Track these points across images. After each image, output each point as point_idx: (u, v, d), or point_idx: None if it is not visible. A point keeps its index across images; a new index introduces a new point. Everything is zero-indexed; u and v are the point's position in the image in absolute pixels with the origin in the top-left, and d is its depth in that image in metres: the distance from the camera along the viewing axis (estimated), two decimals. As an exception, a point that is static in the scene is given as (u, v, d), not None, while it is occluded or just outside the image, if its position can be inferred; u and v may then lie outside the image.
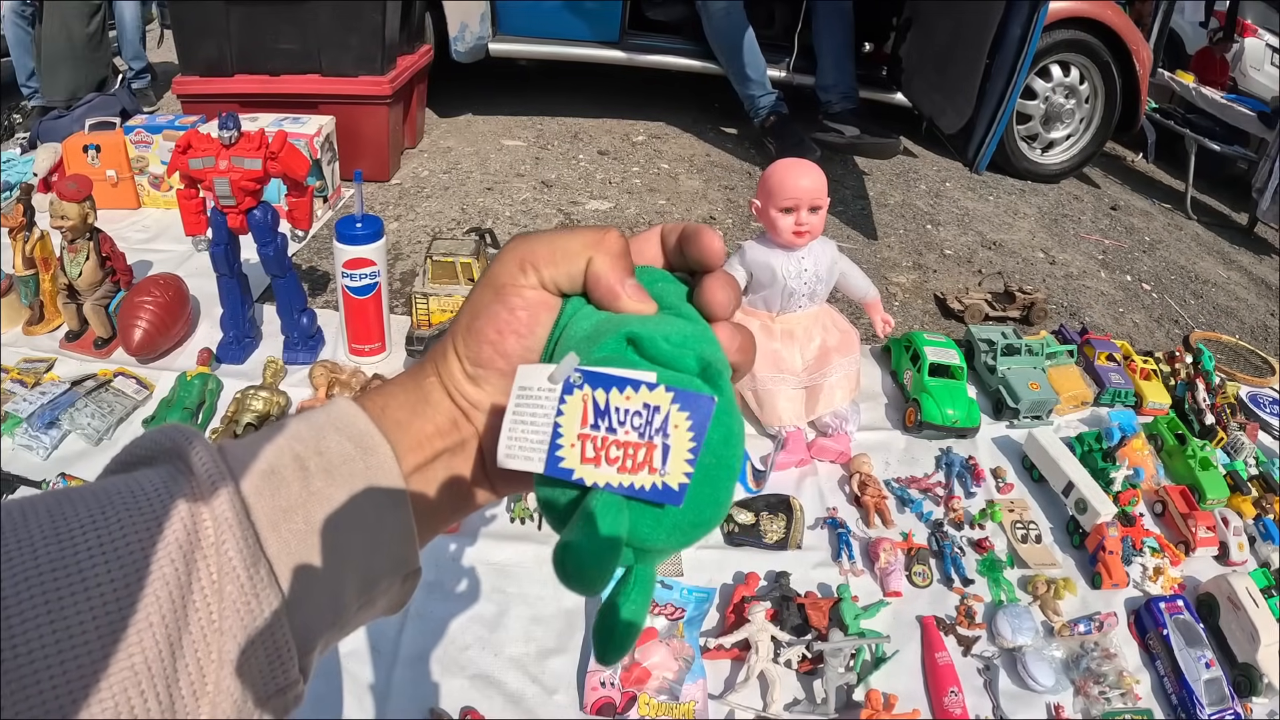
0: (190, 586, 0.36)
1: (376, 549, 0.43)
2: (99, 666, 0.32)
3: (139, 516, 0.36)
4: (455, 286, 2.02)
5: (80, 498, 0.37)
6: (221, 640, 0.36)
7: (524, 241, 0.47)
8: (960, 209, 3.97)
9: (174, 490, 0.38)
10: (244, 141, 1.96)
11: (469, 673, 1.51)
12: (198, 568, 0.36)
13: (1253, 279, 3.97)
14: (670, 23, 4.38)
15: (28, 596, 0.32)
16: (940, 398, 2.19)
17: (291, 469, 0.41)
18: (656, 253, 0.51)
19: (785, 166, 2.03)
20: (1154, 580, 1.90)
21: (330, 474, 0.42)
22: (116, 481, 0.38)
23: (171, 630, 0.35)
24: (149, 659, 0.34)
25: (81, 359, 2.16)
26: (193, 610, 0.36)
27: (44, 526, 0.35)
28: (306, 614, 0.40)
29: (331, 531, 0.41)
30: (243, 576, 0.37)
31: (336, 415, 0.44)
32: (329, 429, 0.43)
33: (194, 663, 0.35)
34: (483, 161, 3.75)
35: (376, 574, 0.43)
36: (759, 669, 1.53)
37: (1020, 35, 3.01)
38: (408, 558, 0.45)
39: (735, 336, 0.47)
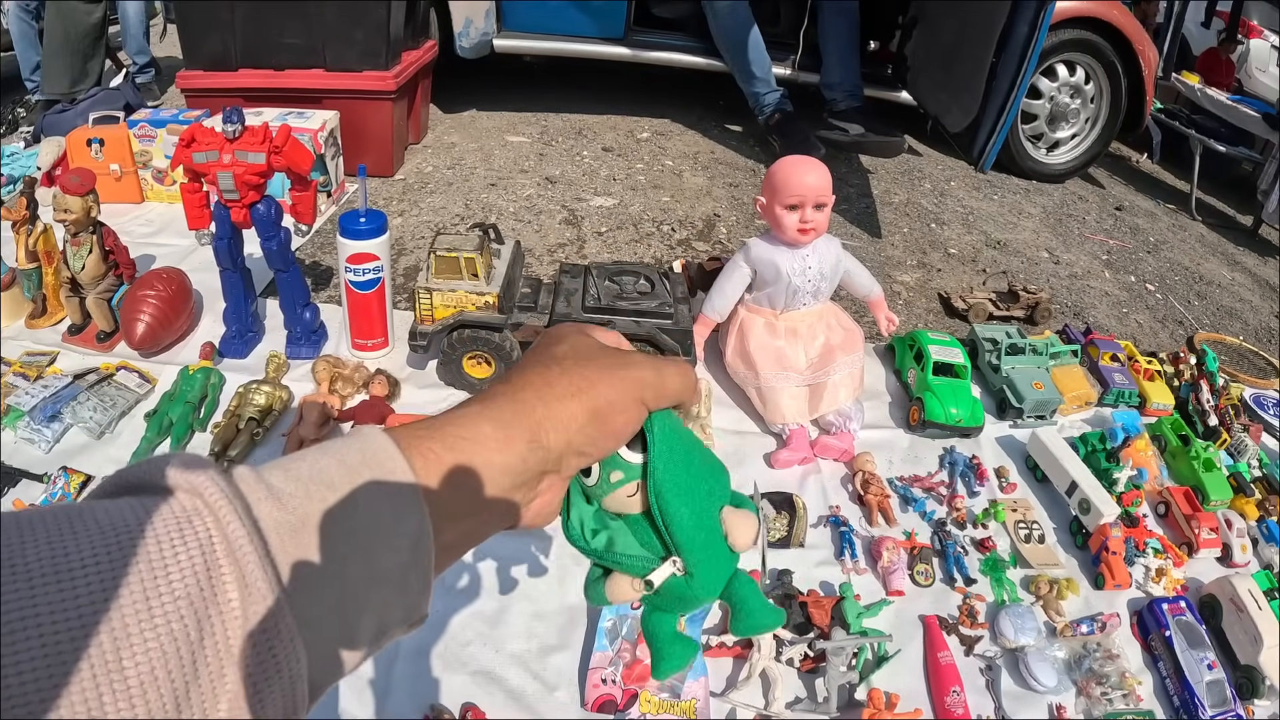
0: (203, 646, 0.35)
1: (394, 604, 0.44)
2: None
3: (147, 569, 0.35)
4: (459, 281, 2.01)
5: (85, 527, 0.35)
6: (240, 692, 0.36)
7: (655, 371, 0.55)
8: (965, 208, 3.96)
9: (189, 543, 0.36)
10: (248, 136, 1.95)
11: (470, 669, 1.51)
12: (213, 628, 0.35)
13: (1257, 280, 3.97)
14: (675, 19, 4.38)
15: (23, 637, 0.31)
16: (944, 397, 2.18)
17: (321, 523, 0.41)
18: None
19: (790, 163, 2.02)
20: (1157, 581, 1.90)
21: (358, 535, 0.42)
22: (124, 516, 0.36)
23: (178, 682, 0.34)
24: (152, 710, 0.33)
25: (84, 353, 2.16)
26: (203, 663, 0.35)
27: (43, 560, 0.33)
28: (321, 666, 0.40)
29: (353, 589, 0.41)
30: (264, 642, 0.37)
31: (373, 459, 0.44)
32: (365, 475, 0.43)
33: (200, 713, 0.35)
34: (487, 157, 3.75)
35: (390, 624, 0.44)
36: (761, 667, 1.52)
37: (1026, 34, 3.01)
38: (420, 607, 0.46)
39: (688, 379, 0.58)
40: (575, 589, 1.68)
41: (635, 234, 3.20)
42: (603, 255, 3.00)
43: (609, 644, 1.53)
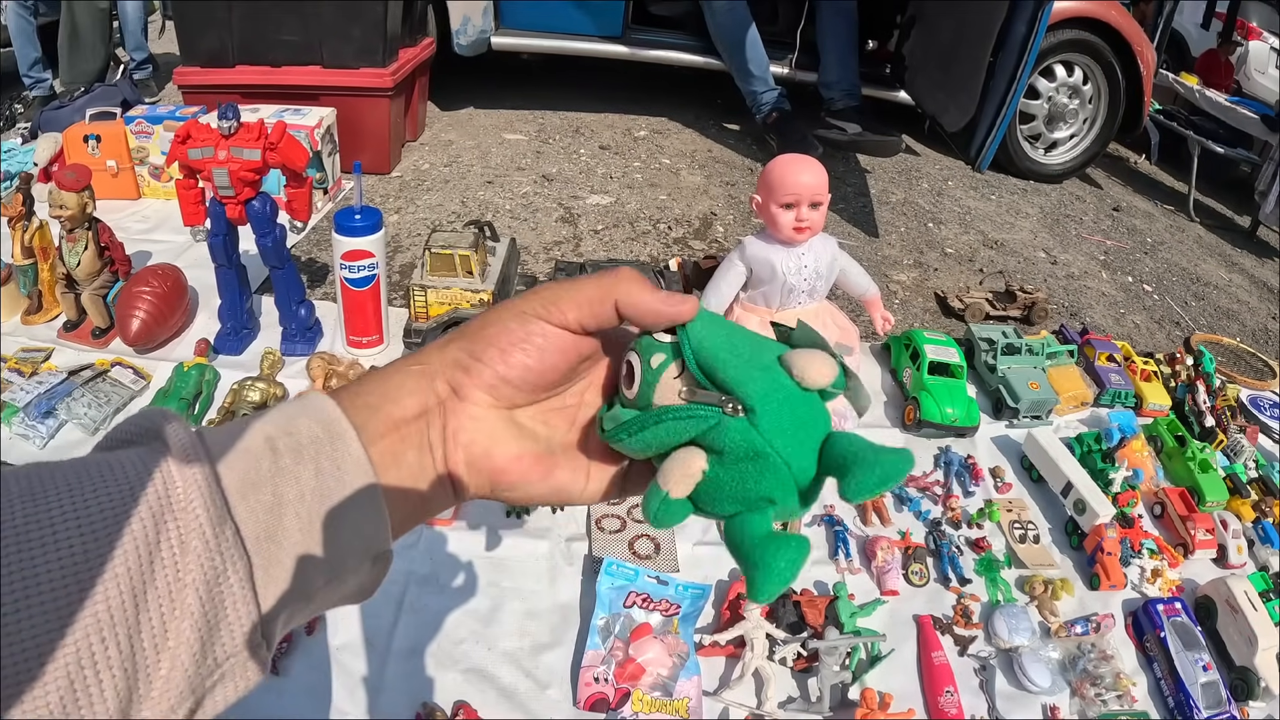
0: (158, 544, 0.37)
1: (343, 527, 0.44)
2: (64, 615, 0.34)
3: (113, 484, 0.38)
4: (454, 279, 2.02)
5: (58, 468, 0.38)
6: (184, 594, 0.37)
7: (549, 288, 0.51)
8: (962, 207, 3.96)
9: (149, 462, 0.39)
10: (243, 132, 1.95)
11: (462, 667, 1.50)
12: (166, 526, 0.37)
13: (1254, 282, 3.97)
14: (673, 17, 4.39)
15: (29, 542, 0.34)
16: (940, 396, 2.18)
17: (261, 446, 0.43)
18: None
19: (786, 162, 2.02)
20: (1152, 582, 1.90)
21: (298, 453, 0.43)
22: (95, 456, 0.40)
23: (136, 584, 0.36)
24: (112, 609, 0.35)
25: (79, 349, 2.15)
26: (159, 566, 0.37)
27: (20, 488, 0.36)
28: (271, 582, 0.41)
29: (297, 505, 0.42)
30: (209, 534, 0.38)
31: (307, 403, 0.46)
32: (299, 415, 0.45)
33: (156, 615, 0.36)
34: (484, 155, 3.75)
35: (343, 552, 0.44)
36: (754, 666, 1.52)
37: (1024, 33, 3.02)
38: (377, 539, 0.45)
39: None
40: (567, 588, 1.68)
41: (632, 232, 3.19)
42: (599, 253, 2.99)
43: (601, 642, 1.53)
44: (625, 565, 1.64)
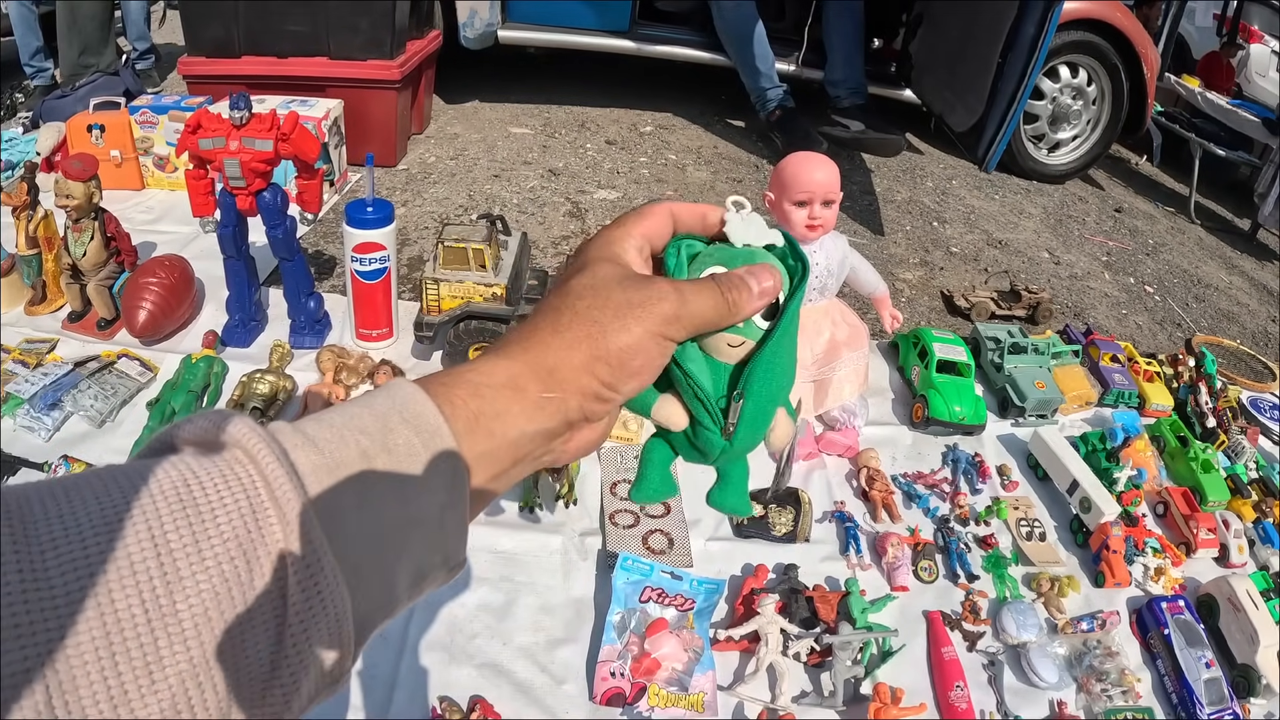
0: (253, 585, 0.36)
1: (433, 546, 0.44)
2: (153, 663, 0.32)
3: (195, 515, 0.35)
4: (466, 273, 2.01)
5: (130, 483, 0.36)
6: (287, 629, 0.37)
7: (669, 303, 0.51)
8: (967, 207, 3.97)
9: (234, 488, 0.37)
10: (255, 122, 1.95)
11: (477, 662, 1.51)
12: (261, 567, 0.36)
13: (1254, 284, 3.98)
14: (680, 13, 4.39)
15: (77, 589, 0.32)
16: (948, 394, 2.19)
17: (357, 466, 0.41)
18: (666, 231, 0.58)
19: (800, 160, 2.02)
20: (1155, 580, 1.91)
21: (394, 477, 0.42)
22: (168, 470, 0.37)
23: (231, 621, 0.35)
24: (207, 652, 0.34)
25: (84, 340, 2.15)
26: (256, 602, 0.36)
27: (92, 515, 0.34)
28: (364, 607, 0.40)
29: (392, 530, 0.41)
30: (308, 578, 0.37)
31: (403, 405, 0.44)
32: (396, 420, 0.43)
33: (254, 651, 0.36)
34: (490, 148, 3.75)
35: (429, 568, 0.44)
36: (768, 661, 1.53)
37: (1034, 34, 3.01)
38: (459, 552, 0.46)
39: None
40: (582, 583, 1.68)
41: (639, 227, 3.18)
42: (607, 248, 2.99)
43: (617, 637, 1.53)
44: (640, 560, 1.65)
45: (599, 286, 0.50)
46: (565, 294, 0.50)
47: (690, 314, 0.51)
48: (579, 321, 0.49)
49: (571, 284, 0.51)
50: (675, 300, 0.50)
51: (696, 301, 0.51)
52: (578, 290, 0.50)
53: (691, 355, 0.55)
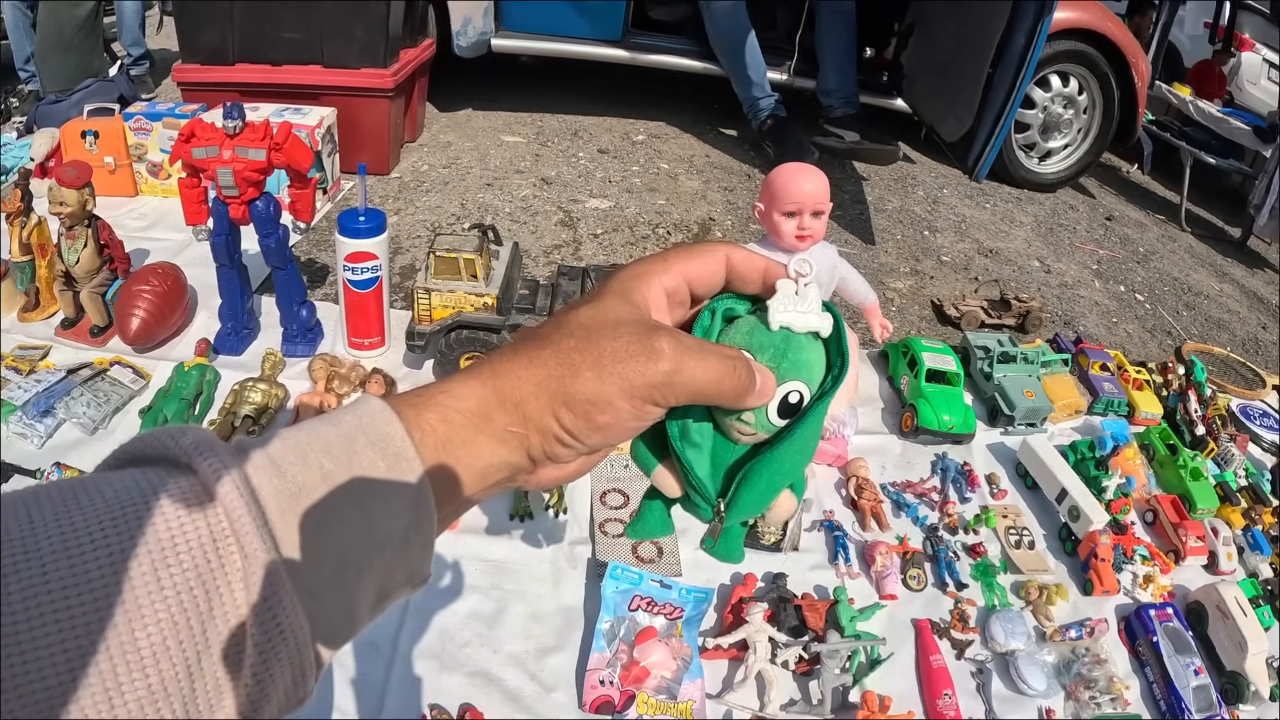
0: (212, 616, 0.36)
1: (397, 567, 0.43)
2: (111, 690, 0.32)
3: (155, 544, 0.35)
4: (458, 282, 2.02)
5: (91, 503, 0.36)
6: (245, 659, 0.37)
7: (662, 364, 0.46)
8: (957, 216, 3.99)
9: (194, 516, 0.37)
10: (248, 132, 1.96)
11: (467, 670, 1.51)
12: (220, 599, 0.36)
13: (1245, 292, 4.00)
14: (673, 22, 4.40)
15: (37, 615, 0.32)
16: (937, 404, 2.20)
17: (320, 490, 0.40)
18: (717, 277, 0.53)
19: (789, 171, 2.03)
20: (1144, 588, 1.92)
21: (357, 499, 0.41)
22: (129, 490, 0.37)
23: (189, 651, 0.35)
24: (165, 680, 0.34)
25: (77, 347, 2.15)
26: (214, 632, 0.36)
27: (52, 537, 0.34)
28: (325, 631, 0.40)
29: (355, 553, 0.41)
30: (267, 611, 0.37)
31: (370, 426, 0.43)
32: (362, 442, 0.42)
33: (213, 681, 0.36)
34: (482, 157, 3.76)
35: (393, 586, 0.44)
36: (756, 669, 1.53)
37: (1024, 45, 3.03)
38: (423, 569, 0.45)
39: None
40: (572, 590, 1.69)
41: (631, 236, 3.21)
42: (599, 257, 3.01)
43: (606, 645, 1.54)
44: (629, 569, 1.65)
45: (593, 327, 0.47)
46: (560, 324, 0.48)
47: (684, 383, 0.46)
48: (556, 360, 0.46)
49: (573, 315, 0.48)
50: (667, 364, 0.46)
51: (695, 370, 0.47)
52: (572, 325, 0.47)
53: (696, 432, 0.53)
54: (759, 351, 0.51)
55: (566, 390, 0.45)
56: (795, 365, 0.51)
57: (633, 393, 0.46)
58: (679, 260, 0.51)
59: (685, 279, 0.51)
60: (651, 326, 0.47)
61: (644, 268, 0.50)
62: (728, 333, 0.53)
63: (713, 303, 0.53)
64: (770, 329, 0.51)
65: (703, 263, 0.51)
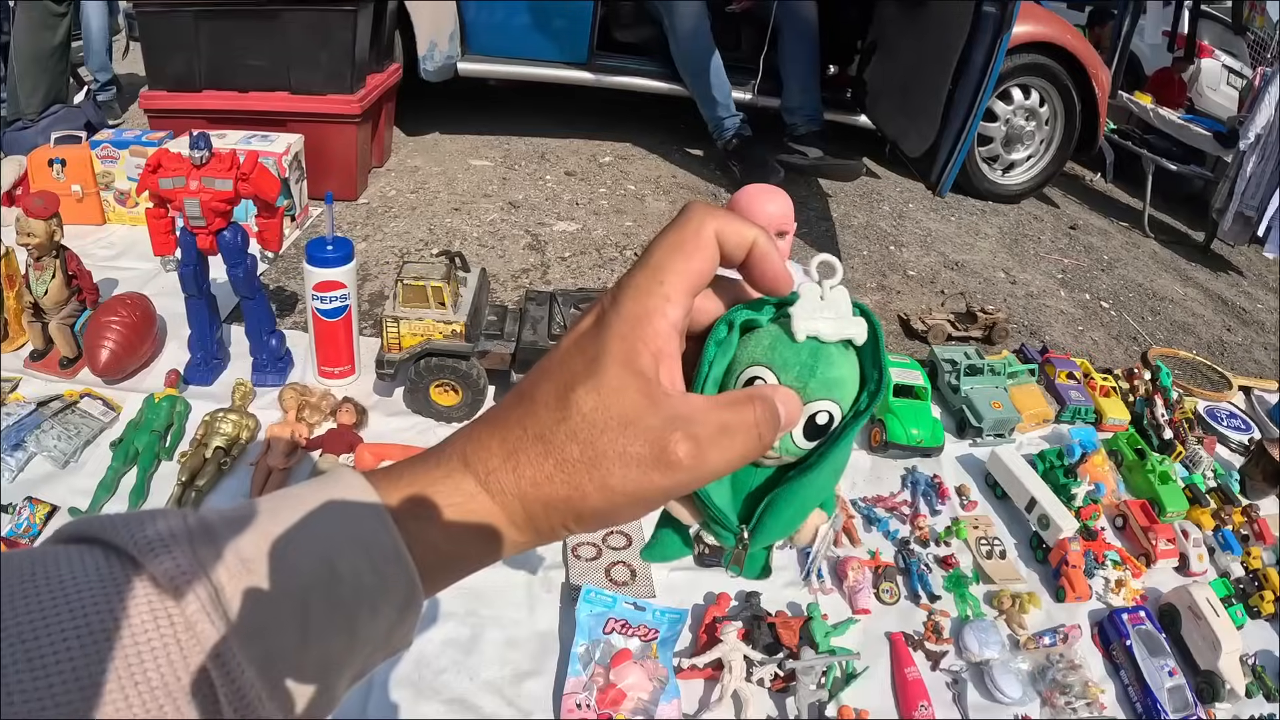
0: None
1: (380, 653, 0.42)
2: None
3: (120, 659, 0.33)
4: (426, 310, 2.03)
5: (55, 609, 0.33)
6: None
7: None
8: (923, 230, 4.02)
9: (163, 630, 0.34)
10: (215, 162, 1.95)
11: (444, 697, 1.51)
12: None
13: (1209, 295, 4.05)
14: (638, 44, 4.42)
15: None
16: (905, 418, 2.22)
17: (299, 597, 0.37)
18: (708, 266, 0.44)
19: (753, 192, 2.04)
20: (1116, 592, 1.94)
21: (342, 607, 0.39)
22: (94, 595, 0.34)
23: None
24: None
25: (47, 379, 2.13)
26: None
27: (13, 647, 0.31)
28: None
29: (337, 655, 0.39)
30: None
31: (358, 527, 0.40)
32: (348, 546, 0.39)
33: None
34: (450, 181, 3.76)
35: (372, 666, 0.42)
36: (732, 688, 1.54)
37: (983, 61, 3.06)
38: (406, 643, 0.44)
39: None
40: (547, 615, 1.69)
41: (599, 259, 3.22)
42: (566, 280, 3.01)
43: (582, 669, 1.54)
44: (603, 592, 1.66)
45: (598, 425, 0.40)
46: (560, 411, 0.41)
47: (705, 479, 0.42)
48: (561, 477, 0.40)
49: (573, 400, 0.41)
50: (685, 476, 0.40)
51: (717, 464, 0.41)
52: (574, 420, 0.40)
53: None
54: (783, 370, 0.45)
55: (577, 511, 0.41)
56: (825, 384, 0.45)
57: (648, 504, 0.42)
58: (676, 276, 0.42)
59: (689, 294, 0.43)
60: (666, 425, 0.40)
61: (643, 306, 0.42)
62: (746, 346, 0.46)
63: (730, 313, 0.46)
64: (795, 339, 0.45)
65: (699, 261, 0.43)
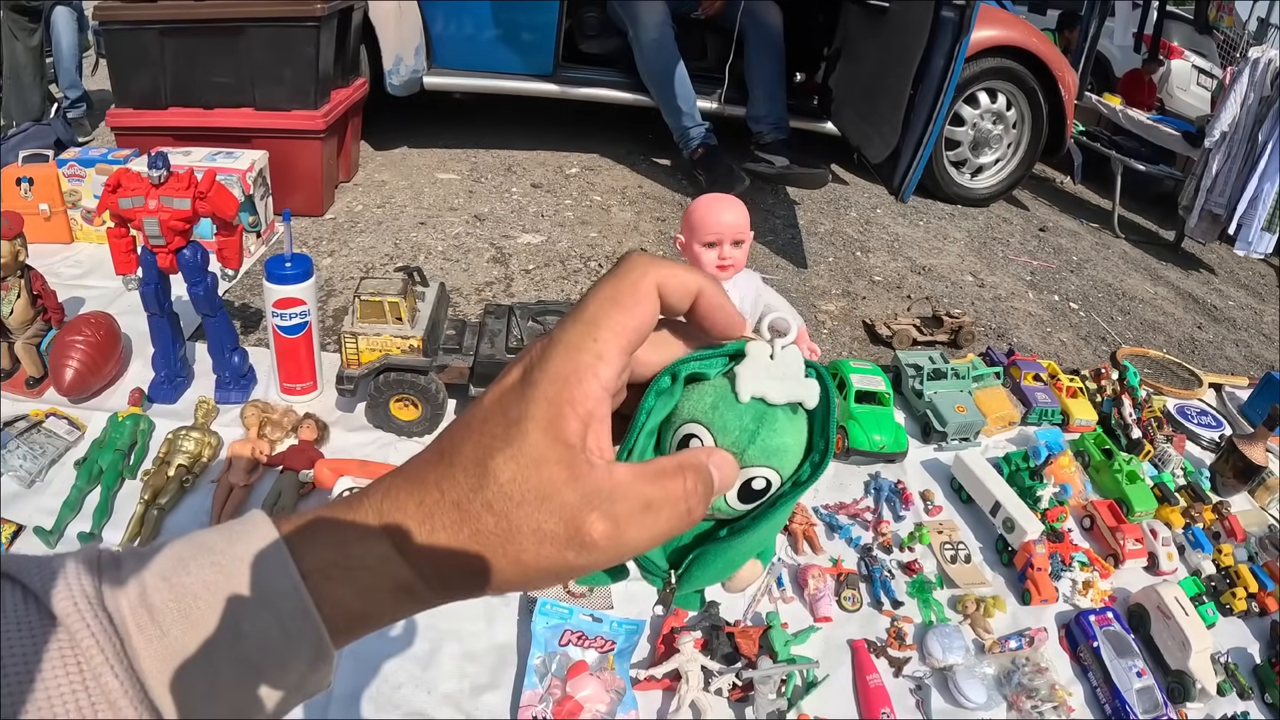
0: None
1: (292, 702, 0.41)
2: None
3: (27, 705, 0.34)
4: (384, 325, 2.03)
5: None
6: None
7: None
8: (890, 235, 4.04)
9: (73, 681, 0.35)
10: (173, 181, 1.96)
11: (402, 711, 1.51)
12: None
13: (1180, 294, 4.07)
14: (603, 55, 4.43)
15: None
16: (867, 424, 2.23)
17: (205, 652, 0.37)
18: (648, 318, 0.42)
19: (707, 202, 2.05)
20: (1084, 594, 1.95)
21: (248, 660, 0.38)
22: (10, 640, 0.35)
23: None
24: None
25: (13, 399, 2.12)
26: None
27: None
28: None
29: (246, 708, 0.39)
30: None
31: (267, 586, 0.39)
32: (254, 604, 0.39)
33: None
34: (416, 195, 3.76)
35: (289, 709, 0.41)
36: (690, 698, 1.54)
37: (943, 67, 3.08)
38: (322, 687, 0.43)
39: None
40: (505, 628, 1.68)
41: (563, 270, 3.21)
42: (530, 293, 3.01)
43: (539, 681, 1.54)
44: (559, 604, 1.66)
45: (514, 498, 0.38)
46: (478, 477, 0.39)
47: (625, 556, 0.40)
48: (476, 545, 0.39)
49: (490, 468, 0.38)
50: (601, 556, 0.39)
51: (638, 541, 0.40)
52: (490, 490, 0.38)
53: None
54: (721, 433, 0.43)
55: (489, 578, 0.40)
56: (765, 451, 0.43)
57: (560, 579, 0.41)
58: (611, 332, 0.40)
59: (624, 352, 0.40)
60: (583, 503, 0.38)
61: (573, 364, 0.39)
62: (689, 399, 0.44)
63: (675, 365, 0.44)
64: (739, 400, 0.43)
65: (637, 315, 0.41)
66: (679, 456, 0.41)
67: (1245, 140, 4.28)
